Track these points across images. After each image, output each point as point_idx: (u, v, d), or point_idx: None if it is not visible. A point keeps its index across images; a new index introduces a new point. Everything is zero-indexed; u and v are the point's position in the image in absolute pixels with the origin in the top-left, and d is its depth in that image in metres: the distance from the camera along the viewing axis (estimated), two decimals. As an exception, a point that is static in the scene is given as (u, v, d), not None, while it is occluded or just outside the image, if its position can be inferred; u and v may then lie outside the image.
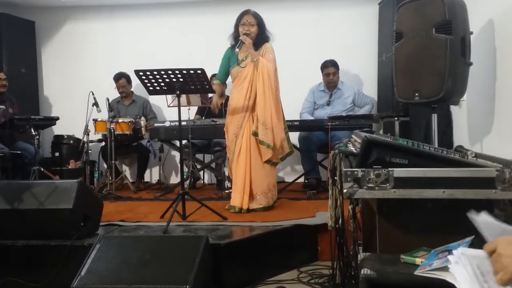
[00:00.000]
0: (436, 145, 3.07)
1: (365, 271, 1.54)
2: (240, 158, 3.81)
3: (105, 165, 5.38)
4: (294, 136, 4.81)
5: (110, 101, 5.32)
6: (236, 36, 3.85)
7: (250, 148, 3.79)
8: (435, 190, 1.63)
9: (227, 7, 5.14)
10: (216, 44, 4.26)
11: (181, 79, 3.54)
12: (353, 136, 2.40)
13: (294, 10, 5.80)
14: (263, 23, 3.86)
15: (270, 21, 3.94)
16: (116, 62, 5.87)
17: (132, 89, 5.77)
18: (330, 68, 5.16)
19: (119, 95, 5.74)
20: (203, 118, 5.23)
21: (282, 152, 3.91)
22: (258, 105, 3.75)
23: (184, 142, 4.38)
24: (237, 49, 3.71)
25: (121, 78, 5.64)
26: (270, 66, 3.78)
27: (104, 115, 5.18)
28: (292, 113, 4.30)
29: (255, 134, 3.75)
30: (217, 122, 4.73)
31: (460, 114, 4.19)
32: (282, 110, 3.95)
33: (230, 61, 3.91)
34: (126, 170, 5.94)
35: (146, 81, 3.59)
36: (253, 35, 3.79)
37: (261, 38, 3.83)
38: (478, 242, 1.60)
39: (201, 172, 5.57)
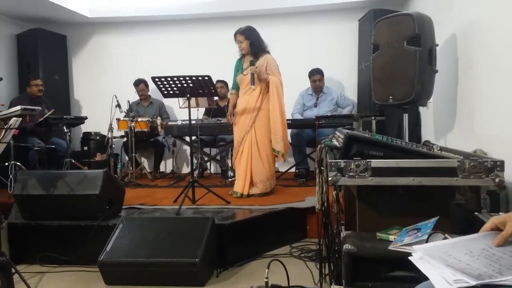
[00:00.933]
0: (407, 140, 3.07)
1: (347, 246, 1.55)
2: (243, 153, 3.81)
3: (126, 158, 5.38)
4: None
5: (130, 103, 5.31)
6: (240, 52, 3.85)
7: (251, 144, 3.78)
8: (406, 178, 1.64)
9: (229, 23, 5.11)
10: (220, 54, 4.24)
11: (191, 84, 3.54)
12: (336, 132, 2.40)
13: (286, 26, 5.79)
14: (252, 35, 3.77)
15: (266, 35, 3.92)
16: (136, 70, 5.84)
17: (149, 93, 5.75)
18: (316, 75, 5.17)
19: (138, 98, 5.72)
20: (210, 117, 5.23)
21: (287, 152, 3.91)
22: (271, 119, 3.73)
23: (193, 138, 4.37)
24: (253, 87, 3.64)
25: (140, 83, 5.62)
26: (279, 83, 3.76)
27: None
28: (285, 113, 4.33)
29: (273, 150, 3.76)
30: (222, 121, 4.73)
31: (427, 113, 4.19)
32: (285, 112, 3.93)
33: (237, 71, 3.91)
34: (145, 162, 5.93)
35: (161, 86, 3.59)
36: (246, 49, 3.77)
37: (255, 47, 3.77)
38: (442, 223, 1.61)
39: (208, 163, 5.57)
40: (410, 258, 1.06)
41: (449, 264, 0.97)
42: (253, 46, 3.77)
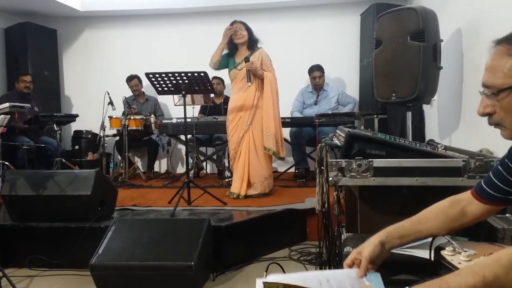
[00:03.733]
0: (410, 139, 3.07)
1: (348, 249, 1.55)
2: (241, 153, 3.81)
3: (119, 157, 5.36)
4: (286, 132, 4.80)
5: (126, 98, 5.31)
6: (230, 45, 3.84)
7: (249, 144, 3.78)
8: (409, 178, 1.64)
9: (226, 17, 5.10)
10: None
11: (186, 81, 3.53)
12: (337, 131, 2.40)
13: (286, 20, 5.78)
14: (250, 29, 3.85)
15: (264, 29, 3.93)
16: (129, 65, 5.83)
17: (143, 89, 5.75)
18: (316, 72, 5.17)
19: (132, 94, 5.71)
20: (206, 115, 5.22)
21: (283, 149, 3.90)
22: (263, 116, 3.75)
23: (189, 136, 4.37)
24: (249, 83, 3.69)
25: (133, 79, 5.61)
26: (273, 79, 3.79)
27: (119, 113, 5.19)
28: (284, 111, 4.31)
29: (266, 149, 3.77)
30: (218, 119, 4.72)
31: (431, 112, 4.20)
32: (279, 109, 3.93)
33: (228, 65, 3.89)
34: (138, 161, 5.93)
35: (155, 82, 3.58)
36: (245, 38, 3.79)
37: (252, 40, 3.83)
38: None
39: (204, 163, 5.56)
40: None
41: None
42: (250, 38, 3.82)
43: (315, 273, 1.24)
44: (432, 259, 1.40)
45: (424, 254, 1.47)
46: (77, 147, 5.53)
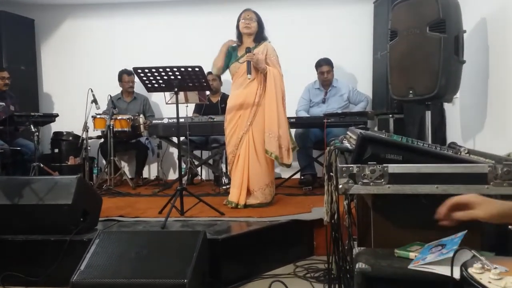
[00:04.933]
0: (430, 142, 3.07)
1: (360, 265, 1.55)
2: (240, 157, 3.82)
3: (104, 162, 5.37)
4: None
5: (112, 97, 5.33)
6: (238, 35, 3.87)
7: (249, 146, 3.79)
8: (428, 185, 1.63)
9: (224, 5, 5.14)
10: (213, 42, 4.24)
11: (179, 77, 3.54)
12: (348, 132, 2.40)
13: (291, 8, 5.80)
14: (262, 23, 3.87)
15: (267, 19, 3.93)
16: (115, 59, 5.86)
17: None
18: (324, 66, 5.17)
19: (119, 92, 5.71)
20: (201, 115, 5.22)
21: (289, 155, 3.88)
22: (265, 116, 3.76)
23: (182, 139, 4.37)
24: (249, 76, 3.70)
25: (123, 75, 5.60)
26: (278, 75, 3.80)
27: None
28: (288, 110, 4.30)
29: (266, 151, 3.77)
30: (215, 119, 4.73)
31: (453, 111, 4.20)
32: (285, 110, 3.94)
33: (231, 58, 3.90)
34: (125, 167, 5.94)
35: (144, 78, 3.58)
36: (253, 29, 3.81)
37: (260, 32, 3.86)
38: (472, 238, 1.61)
39: (199, 169, 5.56)
40: None
41: None
42: (259, 30, 3.85)
43: None
44: (458, 277, 1.40)
45: (445, 271, 1.46)
46: (56, 150, 5.52)
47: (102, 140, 5.41)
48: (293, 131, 4.99)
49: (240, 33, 3.86)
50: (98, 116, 5.08)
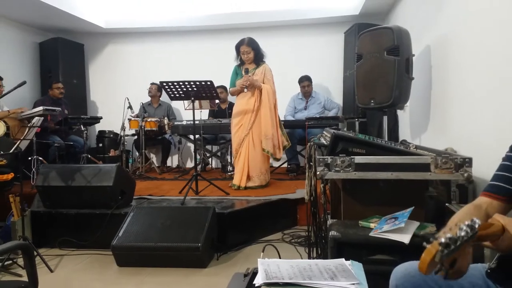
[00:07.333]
0: (386, 139, 3.07)
1: (332, 233, 1.55)
2: (242, 152, 3.80)
3: (137, 153, 5.34)
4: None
5: (143, 104, 5.29)
6: (240, 58, 3.84)
7: (249, 145, 3.77)
8: (385, 172, 1.64)
9: (230, 34, 5.10)
10: (221, 62, 4.22)
11: (195, 89, 3.52)
12: (324, 132, 2.40)
13: (280, 37, 5.77)
14: (256, 46, 3.81)
15: (262, 45, 3.91)
16: (145, 75, 5.82)
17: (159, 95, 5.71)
18: (305, 81, 5.16)
19: (148, 100, 5.67)
20: (213, 118, 5.21)
21: (280, 151, 3.88)
22: (261, 122, 3.74)
23: (197, 136, 4.36)
24: (245, 90, 3.70)
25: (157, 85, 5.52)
26: (270, 90, 3.76)
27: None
28: (280, 115, 4.31)
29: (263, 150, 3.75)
30: (222, 122, 4.71)
31: (404, 116, 4.20)
32: (278, 117, 3.91)
33: (237, 75, 3.88)
34: (153, 157, 5.91)
35: (168, 90, 3.57)
36: (251, 59, 3.78)
37: (258, 57, 3.81)
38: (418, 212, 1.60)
39: (210, 159, 5.55)
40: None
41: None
42: (256, 55, 3.80)
43: (306, 260, 1.24)
44: (407, 242, 1.40)
45: (398, 237, 1.47)
46: (101, 144, 5.50)
47: (136, 137, 5.38)
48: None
49: (241, 57, 3.82)
50: (133, 118, 5.06)
